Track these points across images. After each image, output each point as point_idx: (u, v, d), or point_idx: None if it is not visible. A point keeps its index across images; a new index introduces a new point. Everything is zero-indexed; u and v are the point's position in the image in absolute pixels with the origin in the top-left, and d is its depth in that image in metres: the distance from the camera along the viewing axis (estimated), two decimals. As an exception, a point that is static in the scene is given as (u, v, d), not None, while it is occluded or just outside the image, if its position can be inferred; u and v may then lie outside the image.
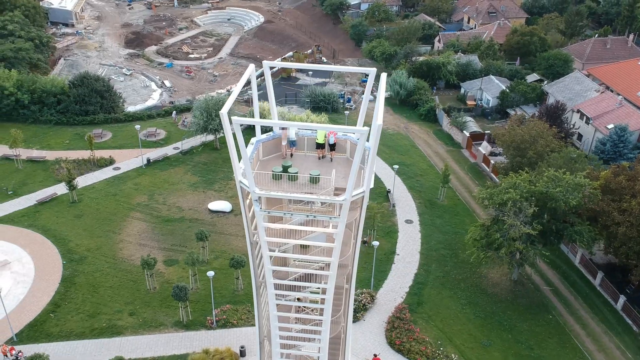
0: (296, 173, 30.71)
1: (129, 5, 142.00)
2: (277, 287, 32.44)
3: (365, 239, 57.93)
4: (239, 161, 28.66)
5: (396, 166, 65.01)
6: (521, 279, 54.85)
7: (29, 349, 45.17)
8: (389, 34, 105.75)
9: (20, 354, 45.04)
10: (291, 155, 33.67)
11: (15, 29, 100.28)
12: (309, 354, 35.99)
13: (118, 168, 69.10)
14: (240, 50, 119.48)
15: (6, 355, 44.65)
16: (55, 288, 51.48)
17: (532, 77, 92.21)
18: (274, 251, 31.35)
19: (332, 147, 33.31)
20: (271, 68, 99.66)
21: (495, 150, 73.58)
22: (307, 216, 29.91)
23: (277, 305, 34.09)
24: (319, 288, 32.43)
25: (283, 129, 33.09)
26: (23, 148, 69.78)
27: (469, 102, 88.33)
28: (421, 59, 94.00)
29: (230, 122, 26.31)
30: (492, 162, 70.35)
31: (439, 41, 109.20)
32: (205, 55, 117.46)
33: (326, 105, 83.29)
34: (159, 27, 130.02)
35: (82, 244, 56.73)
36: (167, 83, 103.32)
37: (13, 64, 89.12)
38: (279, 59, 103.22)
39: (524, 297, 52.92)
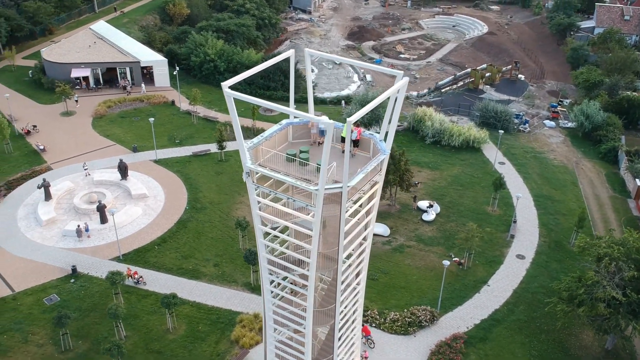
0: (306, 159, 32.00)
1: (365, 0, 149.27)
2: (270, 263, 34.05)
3: (461, 260, 55.41)
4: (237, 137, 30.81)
5: (519, 194, 60.09)
6: (618, 351, 47.58)
7: (123, 267, 52.72)
8: (601, 62, 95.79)
9: (141, 279, 52.82)
10: (319, 143, 34.80)
11: (251, 8, 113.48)
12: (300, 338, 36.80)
13: (272, 141, 74.97)
14: (451, 57, 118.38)
15: (130, 277, 52.70)
16: (170, 227, 58.86)
17: None
18: (266, 226, 33.13)
19: (355, 143, 33.73)
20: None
21: (666, 208, 63.51)
22: (287, 198, 31.16)
23: (278, 284, 35.84)
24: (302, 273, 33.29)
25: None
26: (203, 107, 79.80)
27: (668, 151, 76.66)
28: (625, 94, 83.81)
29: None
30: (653, 219, 61.13)
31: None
32: (415, 57, 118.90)
33: (495, 123, 79.33)
34: (384, 24, 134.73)
35: (208, 196, 63.61)
36: (368, 77, 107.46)
37: (234, 37, 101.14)
38: (470, 69, 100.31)
39: (611, 372, 46.06)
